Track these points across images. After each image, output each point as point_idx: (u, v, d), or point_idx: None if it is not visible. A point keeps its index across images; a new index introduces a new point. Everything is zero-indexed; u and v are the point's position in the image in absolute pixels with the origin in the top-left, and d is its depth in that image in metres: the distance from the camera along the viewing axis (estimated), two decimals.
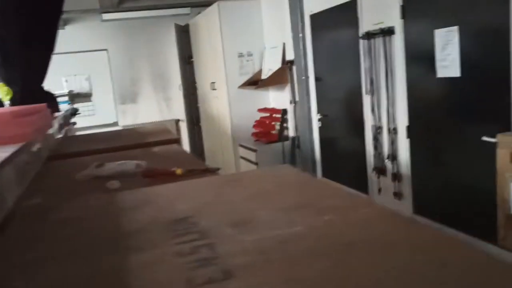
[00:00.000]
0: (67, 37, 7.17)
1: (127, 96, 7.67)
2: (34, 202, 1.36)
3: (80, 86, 4.99)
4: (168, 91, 7.89)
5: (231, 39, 5.80)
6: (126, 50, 7.52)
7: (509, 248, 2.05)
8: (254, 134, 5.76)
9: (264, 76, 5.75)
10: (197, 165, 1.68)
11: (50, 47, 2.56)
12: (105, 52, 7.39)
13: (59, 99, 4.61)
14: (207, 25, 6.31)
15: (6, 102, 2.19)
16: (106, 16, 6.24)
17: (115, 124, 7.53)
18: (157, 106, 7.90)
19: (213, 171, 1.55)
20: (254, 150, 5.38)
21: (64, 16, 6.48)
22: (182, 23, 7.35)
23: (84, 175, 1.62)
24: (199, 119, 7.56)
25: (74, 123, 5.24)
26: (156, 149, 2.20)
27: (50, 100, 2.61)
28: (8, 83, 2.42)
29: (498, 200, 2.05)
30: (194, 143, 7.82)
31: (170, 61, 7.65)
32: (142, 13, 6.88)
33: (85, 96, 5.01)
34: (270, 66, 5.64)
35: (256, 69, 5.94)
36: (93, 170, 1.66)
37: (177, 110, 7.86)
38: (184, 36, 7.37)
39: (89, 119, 7.08)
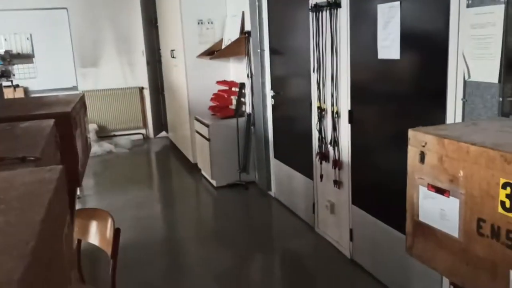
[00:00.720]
0: None
1: (88, 59, 7.27)
2: None
3: (20, 46, 4.66)
4: (132, 56, 7.49)
5: (190, 4, 5.42)
6: (88, 9, 7.08)
7: (417, 257, 1.80)
8: (211, 107, 5.44)
9: (224, 45, 5.40)
10: (28, 151, 1.39)
11: None
12: (64, 10, 6.95)
13: None
14: None
15: None
16: None
17: (75, 88, 7.17)
18: (121, 72, 7.52)
19: (30, 161, 1.27)
20: (207, 125, 5.08)
21: None
22: None
23: None
24: (164, 88, 7.21)
25: (16, 85, 4.90)
26: (25, 124, 1.90)
27: None
28: None
29: (407, 204, 1.79)
30: (158, 113, 7.49)
31: (135, 23, 7.22)
32: None
33: (26, 57, 4.66)
34: (230, 36, 5.29)
35: (217, 39, 5.58)
36: None
37: (142, 77, 7.48)
38: None
39: (45, 83, 6.72)
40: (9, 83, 4.87)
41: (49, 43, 6.76)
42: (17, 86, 5.16)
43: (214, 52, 5.41)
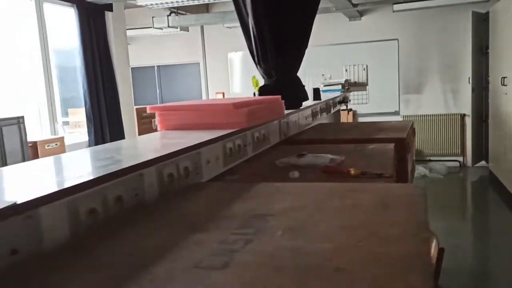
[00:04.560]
0: (362, 28, 7.65)
1: (412, 85, 7.62)
2: (232, 178, 1.72)
3: (357, 75, 5.37)
4: (456, 83, 7.43)
5: None
6: (417, 39, 7.45)
7: None
8: None
9: None
10: (380, 169, 1.71)
11: (304, 41, 2.89)
12: (395, 41, 7.51)
13: (333, 87, 5.07)
14: (508, 12, 5.61)
15: (256, 91, 2.66)
16: (397, 6, 6.33)
17: (396, 113, 7.63)
18: (443, 98, 7.57)
19: (385, 177, 1.57)
20: None
21: (359, 8, 6.93)
22: (482, 11, 6.74)
23: (283, 162, 1.90)
24: (488, 116, 6.86)
25: (349, 109, 5.65)
26: (371, 146, 2.29)
27: (299, 91, 2.98)
28: (265, 75, 2.91)
29: None
30: (478, 141, 7.16)
31: (462, 51, 7.15)
32: (436, 2, 6.65)
33: (361, 85, 5.33)
34: None
35: None
36: (292, 159, 1.92)
37: (464, 104, 7.32)
38: (481, 24, 6.75)
39: (371, 107, 7.43)
40: (344, 107, 5.65)
41: (377, 72, 7.43)
42: (350, 110, 5.93)
43: None
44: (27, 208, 0.82)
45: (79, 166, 1.31)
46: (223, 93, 8.54)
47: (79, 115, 6.04)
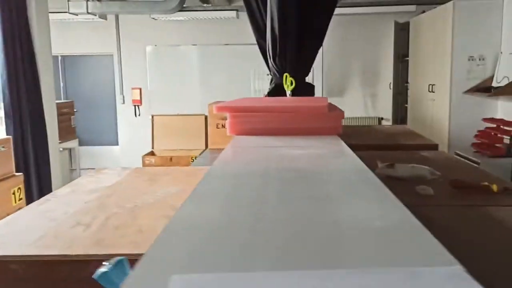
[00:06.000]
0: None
1: (336, 89, 7.81)
2: None
3: None
4: (375, 88, 7.79)
5: (462, 41, 5.40)
6: (339, 46, 7.64)
7: None
8: (474, 144, 5.29)
9: (495, 83, 5.23)
10: (488, 182, 1.57)
11: (320, 42, 2.69)
12: None
13: None
14: (433, 24, 5.99)
15: (288, 92, 2.38)
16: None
17: None
18: (362, 102, 7.87)
19: None
20: (477, 163, 4.94)
21: None
22: (402, 21, 7.14)
23: (377, 173, 1.66)
24: (405, 120, 7.29)
25: None
26: (425, 153, 2.14)
27: (310, 91, 2.76)
28: (278, 74, 2.62)
29: None
30: None
31: (383, 58, 7.52)
32: (362, 9, 6.87)
33: None
34: (507, 73, 5.09)
35: (487, 75, 5.43)
36: (384, 170, 1.68)
37: (382, 108, 7.71)
38: (401, 34, 7.15)
39: None
40: None
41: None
42: None
43: (484, 89, 5.27)
44: None
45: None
46: (140, 89, 7.92)
47: None
